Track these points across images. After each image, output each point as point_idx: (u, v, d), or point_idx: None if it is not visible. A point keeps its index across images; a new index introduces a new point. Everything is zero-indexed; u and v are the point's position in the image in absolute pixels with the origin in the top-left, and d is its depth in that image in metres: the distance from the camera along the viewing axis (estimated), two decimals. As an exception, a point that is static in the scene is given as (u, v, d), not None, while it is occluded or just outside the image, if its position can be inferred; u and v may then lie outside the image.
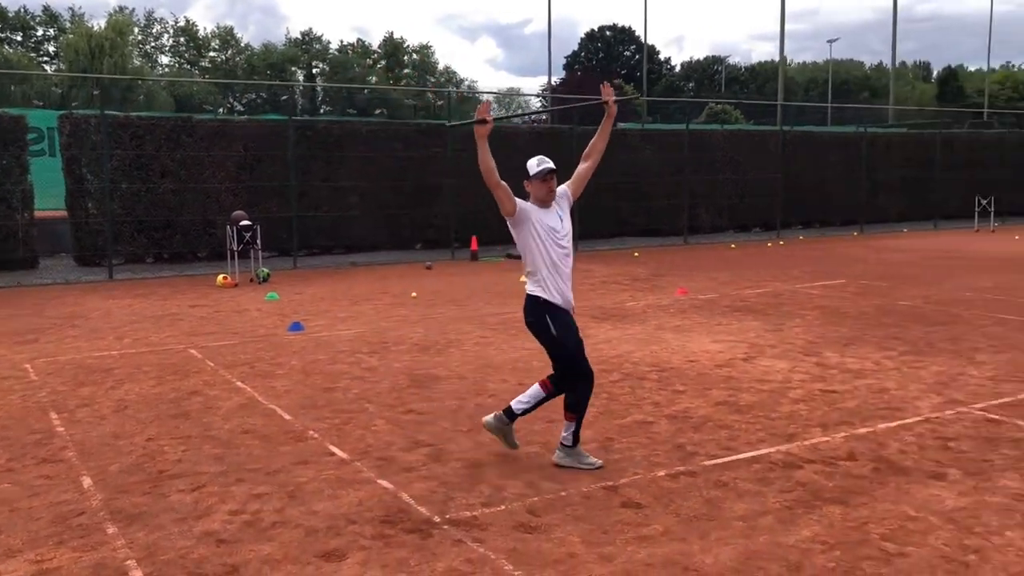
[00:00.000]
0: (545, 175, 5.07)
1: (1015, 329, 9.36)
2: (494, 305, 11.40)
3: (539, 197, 5.10)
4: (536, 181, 5.09)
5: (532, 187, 5.13)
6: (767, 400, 6.62)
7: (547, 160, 5.11)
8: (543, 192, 5.08)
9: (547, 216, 5.09)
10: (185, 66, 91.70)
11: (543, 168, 5.07)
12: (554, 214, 5.12)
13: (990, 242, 20.13)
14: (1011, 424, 5.93)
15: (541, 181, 5.08)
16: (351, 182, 17.70)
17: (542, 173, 5.07)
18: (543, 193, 5.08)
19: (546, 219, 5.07)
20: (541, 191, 5.09)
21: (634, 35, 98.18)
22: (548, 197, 5.10)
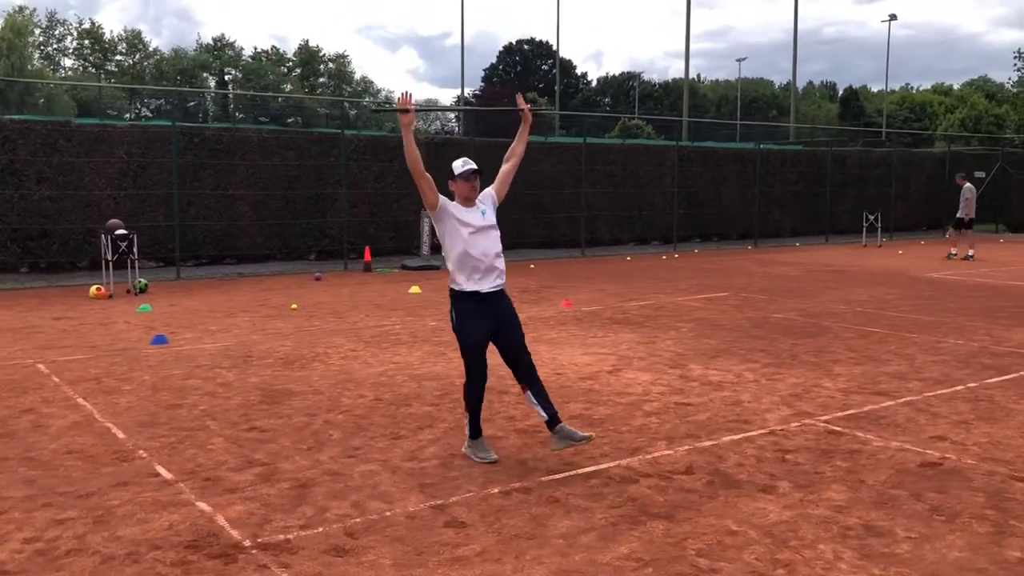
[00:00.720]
0: (468, 175, 5.34)
1: (876, 341, 9.63)
2: (375, 318, 11.22)
3: (463, 195, 5.36)
4: (460, 180, 5.35)
5: (456, 186, 5.38)
6: (621, 413, 6.62)
7: (471, 162, 5.39)
8: (466, 190, 5.35)
9: (468, 214, 5.35)
10: (90, 70, 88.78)
11: (467, 168, 5.34)
12: (476, 212, 5.38)
13: (874, 257, 20.83)
14: (850, 436, 6.04)
15: (464, 180, 5.34)
16: (242, 191, 17.27)
17: (466, 173, 5.34)
18: (466, 191, 5.35)
19: (467, 216, 5.32)
20: (464, 190, 5.35)
21: (551, 50, 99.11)
22: (471, 195, 5.37)
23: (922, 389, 7.42)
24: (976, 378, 7.85)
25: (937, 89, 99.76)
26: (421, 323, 10.77)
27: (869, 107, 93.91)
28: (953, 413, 6.65)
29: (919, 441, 5.93)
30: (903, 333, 10.16)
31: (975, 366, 8.36)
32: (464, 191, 5.37)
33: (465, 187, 5.37)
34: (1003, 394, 7.25)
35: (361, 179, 18.61)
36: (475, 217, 5.37)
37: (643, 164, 23.33)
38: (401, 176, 19.11)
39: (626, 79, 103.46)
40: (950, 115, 72.12)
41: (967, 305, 12.45)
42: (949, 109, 77.41)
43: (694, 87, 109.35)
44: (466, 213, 5.36)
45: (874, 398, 7.12)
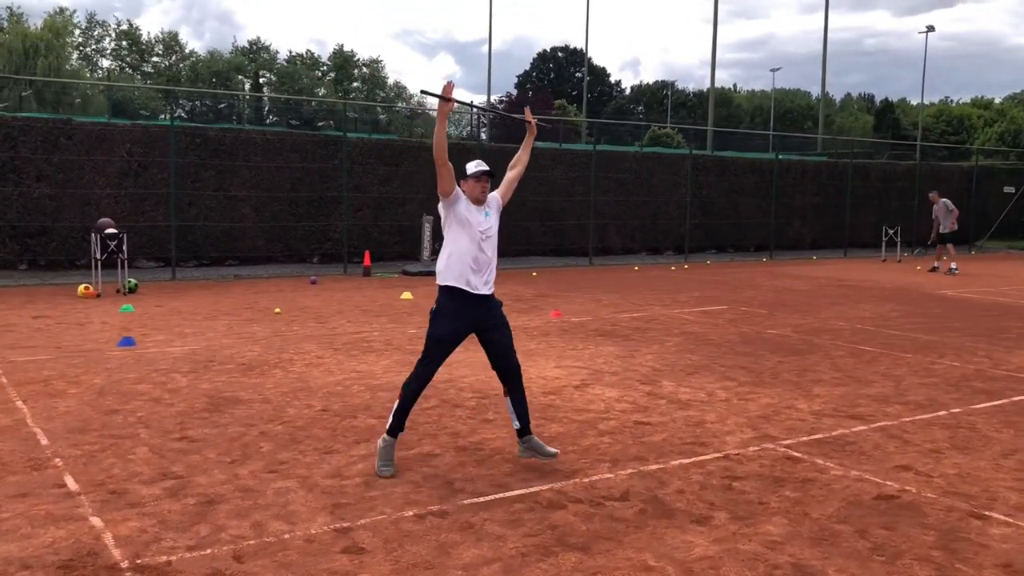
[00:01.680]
0: (480, 176, 5.50)
1: (867, 361, 9.22)
2: (356, 324, 10.99)
3: (474, 195, 5.50)
4: (471, 180, 5.49)
5: (467, 186, 5.52)
6: (573, 432, 6.31)
7: (483, 164, 5.55)
8: (477, 191, 5.49)
9: (474, 212, 5.49)
10: (127, 71, 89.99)
11: (479, 170, 5.49)
12: (482, 212, 5.52)
13: (890, 272, 20.28)
14: (809, 463, 5.69)
15: (476, 181, 5.48)
16: (244, 192, 17.18)
17: (477, 174, 5.49)
18: (477, 192, 5.49)
19: (472, 213, 5.47)
20: (475, 190, 5.49)
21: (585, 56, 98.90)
22: (481, 196, 5.51)
23: (901, 414, 7.03)
24: (963, 403, 7.44)
25: (976, 102, 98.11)
26: (401, 330, 10.53)
27: (905, 120, 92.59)
28: (927, 441, 6.27)
29: (881, 471, 5.56)
30: (897, 353, 9.74)
31: (965, 390, 7.94)
32: (475, 191, 5.51)
33: (476, 187, 5.50)
34: (987, 421, 6.84)
35: (366, 182, 18.45)
36: (479, 218, 5.48)
37: (657, 172, 22.96)
38: (406, 180, 18.95)
39: (660, 87, 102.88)
40: (988, 129, 70.80)
41: (973, 324, 11.96)
42: (988, 123, 76.02)
43: (729, 97, 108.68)
44: (473, 212, 5.49)
45: (847, 422, 6.74)
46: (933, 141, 71.30)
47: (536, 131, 6.01)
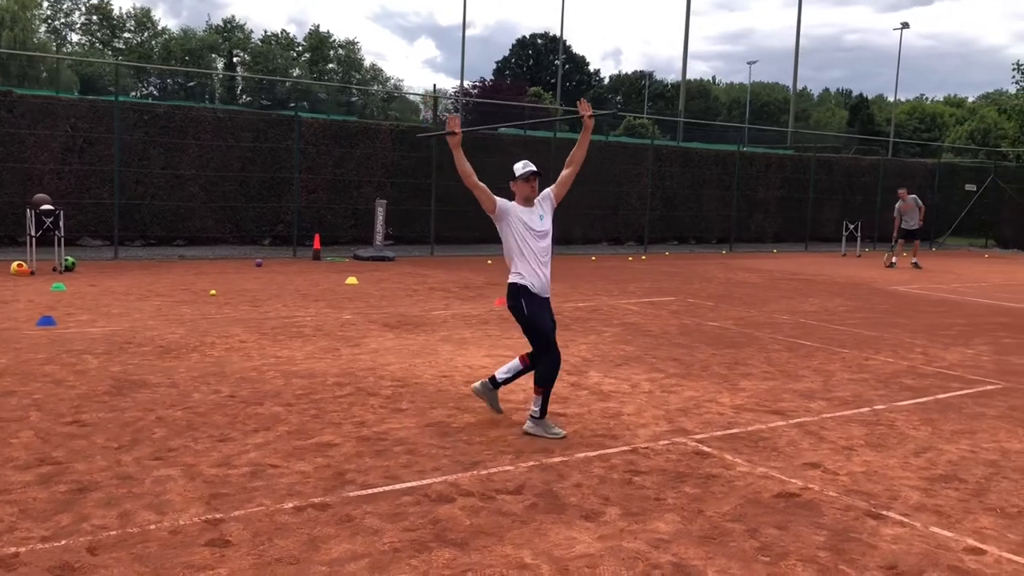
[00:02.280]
0: (528, 176, 5.71)
1: (802, 355, 9.15)
2: (291, 308, 10.78)
3: (523, 196, 5.75)
4: (520, 182, 5.73)
5: (517, 187, 5.78)
6: (484, 422, 6.16)
7: (531, 164, 5.76)
8: (526, 191, 5.73)
9: (528, 213, 5.74)
10: (97, 46, 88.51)
11: (527, 171, 5.71)
12: (536, 212, 5.78)
13: (848, 267, 20.31)
14: (717, 459, 5.58)
15: (524, 182, 5.72)
16: (193, 171, 16.85)
17: (526, 175, 5.71)
18: (527, 192, 5.73)
19: (526, 216, 5.73)
20: (524, 190, 5.74)
21: (565, 44, 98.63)
22: (531, 195, 5.73)
23: (823, 410, 6.95)
24: (887, 400, 7.37)
25: (949, 101, 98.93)
26: (335, 316, 10.33)
27: (880, 116, 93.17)
28: (843, 437, 6.18)
29: (789, 468, 5.46)
30: (834, 348, 9.68)
31: (893, 387, 7.88)
32: (524, 192, 5.76)
33: (525, 188, 5.75)
34: (907, 419, 6.77)
35: (320, 164, 18.17)
36: (534, 220, 5.77)
37: (619, 163, 22.82)
38: (362, 162, 18.70)
39: (638, 78, 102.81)
40: (959, 127, 71.39)
41: (917, 321, 11.95)
42: (959, 121, 76.66)
43: (707, 89, 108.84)
44: (526, 214, 5.75)
45: (766, 417, 6.65)
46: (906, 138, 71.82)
47: (592, 125, 6.07)
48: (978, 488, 5.24)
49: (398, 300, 11.81)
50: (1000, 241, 30.10)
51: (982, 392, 7.81)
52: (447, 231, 20.04)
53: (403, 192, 19.26)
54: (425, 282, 13.91)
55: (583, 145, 6.16)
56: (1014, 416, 6.98)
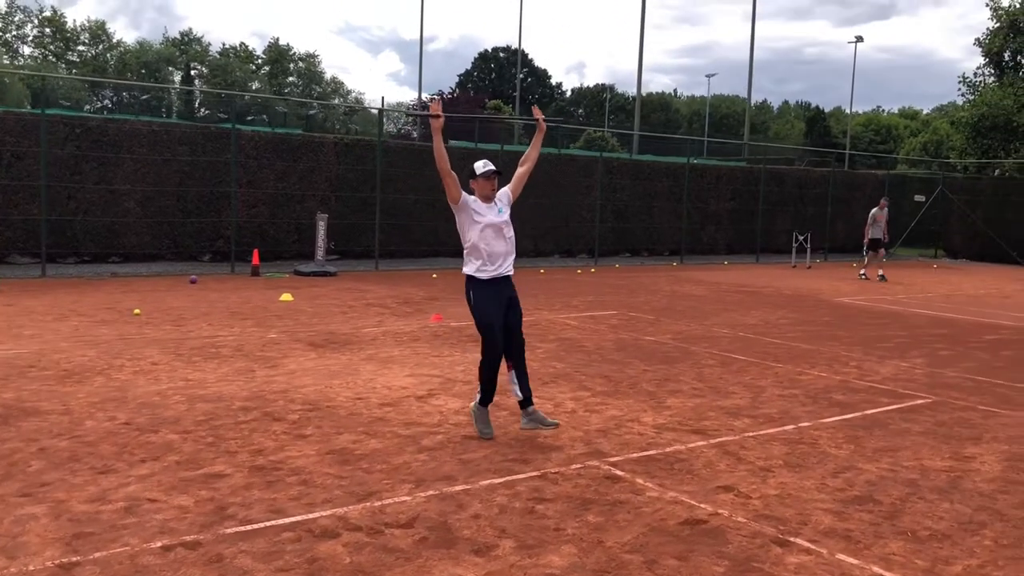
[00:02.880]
0: (489, 175, 6.01)
1: (735, 370, 9.00)
2: (216, 327, 10.43)
3: (483, 193, 6.03)
4: (481, 180, 6.00)
5: (477, 185, 6.05)
6: (391, 448, 5.89)
7: (491, 164, 6.05)
8: (486, 189, 6.02)
9: (486, 209, 6.02)
10: (50, 59, 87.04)
11: (487, 169, 6.01)
12: (493, 208, 6.05)
13: (796, 278, 20.31)
14: (628, 483, 5.36)
15: (485, 180, 6.00)
16: (128, 186, 16.40)
17: (487, 173, 6.00)
18: (486, 190, 6.02)
19: (483, 211, 6.01)
20: (485, 188, 6.02)
21: (527, 58, 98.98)
22: (490, 193, 6.04)
23: (747, 428, 6.77)
24: (814, 416, 7.22)
25: (904, 113, 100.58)
26: (260, 335, 10.00)
27: (836, 128, 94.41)
28: (762, 457, 6.00)
29: (701, 492, 5.26)
30: (769, 362, 9.54)
31: (822, 403, 7.74)
32: (484, 189, 6.02)
33: (485, 186, 6.01)
34: (831, 436, 6.61)
35: (261, 178, 17.79)
36: (491, 214, 6.01)
37: (570, 175, 22.69)
38: (305, 176, 18.37)
39: (600, 91, 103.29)
40: (912, 139, 72.50)
41: (857, 333, 11.88)
42: (913, 133, 77.88)
43: (668, 102, 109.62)
44: (484, 209, 6.02)
45: (687, 437, 6.45)
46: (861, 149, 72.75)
47: (545, 129, 6.52)
48: (892, 510, 5.08)
49: (331, 317, 11.50)
50: (949, 251, 30.42)
51: (911, 407, 7.70)
52: (393, 245, 19.75)
53: (348, 206, 18.94)
54: (363, 298, 13.61)
55: (536, 146, 6.46)
56: (939, 432, 6.86)
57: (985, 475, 5.83)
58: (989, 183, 30.05)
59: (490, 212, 6.03)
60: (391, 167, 19.30)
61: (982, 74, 34.42)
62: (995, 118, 31.59)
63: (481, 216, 5.99)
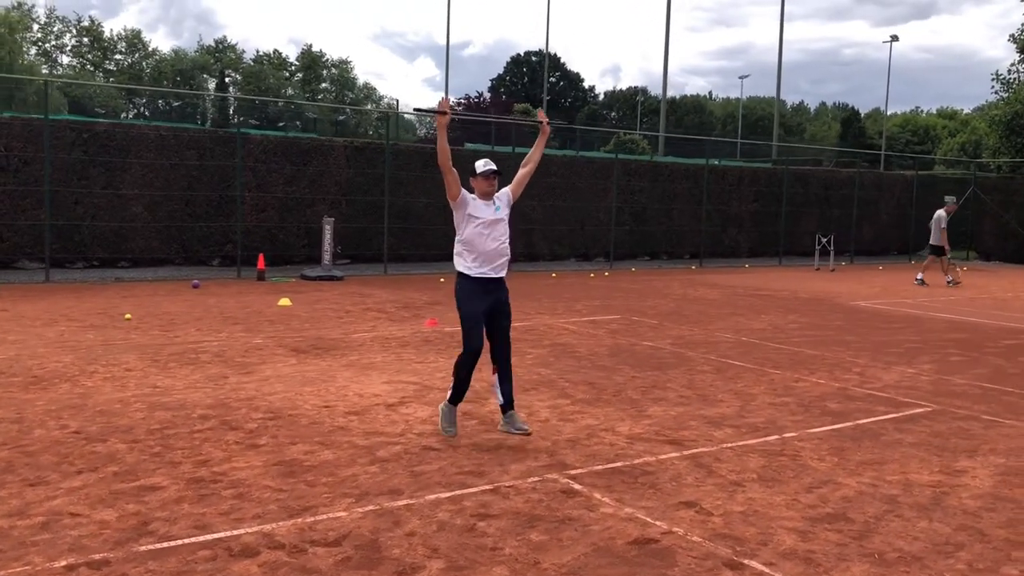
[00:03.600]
0: (488, 174, 6.03)
1: (729, 377, 8.64)
2: (205, 332, 10.28)
3: (482, 191, 6.08)
4: (480, 178, 6.05)
5: (476, 183, 6.09)
6: (343, 459, 5.65)
7: (491, 163, 6.07)
8: (485, 187, 6.06)
9: (483, 208, 6.08)
10: (88, 68, 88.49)
11: (487, 169, 6.03)
12: (491, 207, 6.10)
13: (817, 281, 19.80)
14: (584, 498, 5.07)
15: (484, 179, 6.03)
16: (135, 191, 16.38)
17: (486, 172, 6.03)
18: (485, 188, 6.06)
19: (481, 209, 6.06)
20: (483, 186, 6.06)
21: (559, 61, 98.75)
22: (489, 191, 6.08)
23: (727, 438, 6.43)
24: (802, 426, 6.86)
25: (942, 113, 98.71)
26: (246, 340, 9.82)
27: (872, 129, 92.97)
28: (735, 471, 5.67)
29: (660, 508, 4.95)
30: (767, 368, 9.17)
31: (814, 411, 7.37)
32: (483, 187, 6.06)
33: (484, 184, 6.05)
34: (815, 448, 6.25)
35: (270, 182, 17.70)
36: (487, 212, 6.06)
37: (586, 177, 22.36)
38: (315, 180, 18.25)
39: (633, 94, 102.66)
40: (950, 139, 71.05)
41: (867, 338, 11.44)
42: (952, 133, 76.35)
43: (702, 104, 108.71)
44: (481, 207, 6.06)
45: (660, 448, 6.13)
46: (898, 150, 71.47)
47: (548, 131, 6.51)
48: (864, 529, 4.73)
49: (324, 322, 11.31)
50: (981, 253, 29.58)
51: (908, 416, 7.30)
52: (404, 249, 19.57)
53: (358, 210, 18.80)
54: (364, 302, 13.41)
55: (539, 147, 6.49)
56: (932, 443, 6.47)
57: (974, 491, 5.44)
58: (1023, 183, 29.14)
59: (487, 210, 6.08)
60: (401, 170, 19.12)
61: (1017, 71, 33.47)
62: (1029, 115, 30.67)
63: (478, 213, 6.04)
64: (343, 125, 72.84)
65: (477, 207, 6.06)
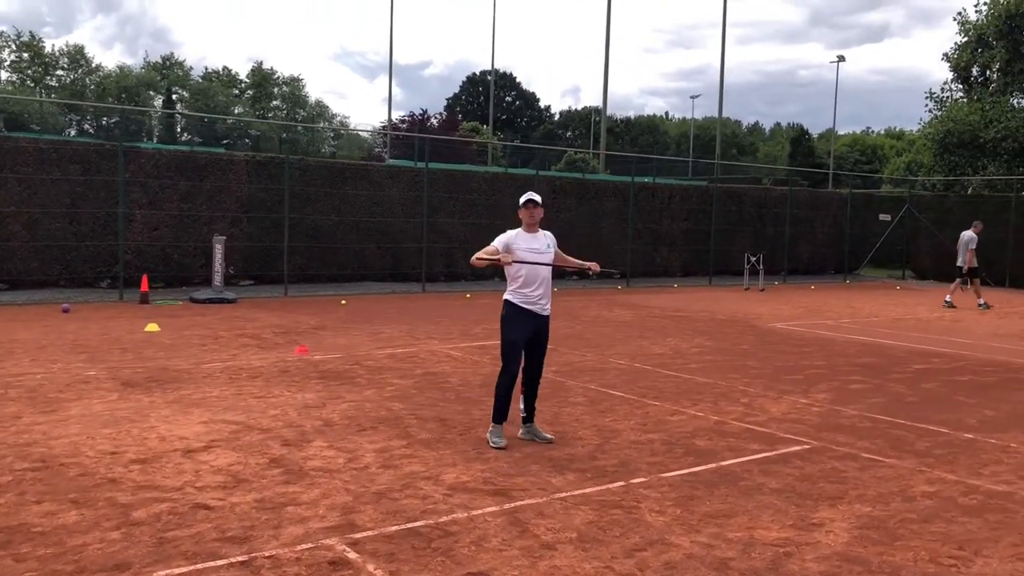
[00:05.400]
0: (526, 204, 6.50)
1: (600, 410, 7.86)
2: (39, 363, 9.29)
3: (526, 221, 6.56)
4: (521, 209, 6.54)
5: (520, 214, 6.57)
6: (85, 523, 4.74)
7: (534, 195, 6.56)
8: (527, 217, 6.53)
9: (530, 240, 6.55)
10: (28, 84, 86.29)
11: (527, 198, 6.50)
12: (539, 239, 6.60)
13: (741, 302, 19.22)
14: (352, 571, 4.21)
15: (524, 209, 6.51)
16: (12, 207, 15.28)
17: (525, 203, 6.49)
18: (527, 218, 6.54)
19: (528, 242, 6.53)
20: (526, 216, 6.54)
21: (515, 81, 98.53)
22: (532, 221, 6.55)
23: (565, 486, 5.63)
24: (657, 469, 6.08)
25: (890, 133, 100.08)
26: (76, 373, 8.84)
27: (821, 148, 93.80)
28: (553, 529, 4.86)
29: (438, 583, 4.10)
30: (647, 399, 8.40)
31: (677, 451, 6.60)
32: (525, 217, 6.53)
33: (526, 214, 6.52)
34: (660, 497, 5.46)
35: (163, 198, 16.69)
36: (536, 243, 6.54)
37: (507, 194, 21.56)
38: (213, 196, 17.28)
39: (588, 114, 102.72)
40: (896, 159, 71.78)
41: (769, 364, 10.76)
42: (899, 153, 77.18)
43: (658, 124, 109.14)
44: (530, 240, 6.54)
45: (480, 500, 5.31)
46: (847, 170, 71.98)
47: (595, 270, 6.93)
48: (673, 609, 3.92)
49: (181, 350, 10.35)
50: (917, 272, 29.33)
51: (780, 456, 6.55)
52: (313, 268, 18.64)
53: (261, 228, 17.84)
54: (243, 327, 12.46)
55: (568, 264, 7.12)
56: (795, 489, 5.72)
57: (822, 550, 4.68)
58: (957, 201, 28.97)
59: (534, 242, 6.53)
60: (308, 186, 18.23)
61: (949, 89, 33.51)
62: (961, 134, 30.61)
63: (524, 249, 6.44)
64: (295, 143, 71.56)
65: (526, 240, 6.51)
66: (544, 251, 6.53)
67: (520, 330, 6.47)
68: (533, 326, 6.50)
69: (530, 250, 6.44)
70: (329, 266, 18.84)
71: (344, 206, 18.80)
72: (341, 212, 18.75)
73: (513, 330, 6.48)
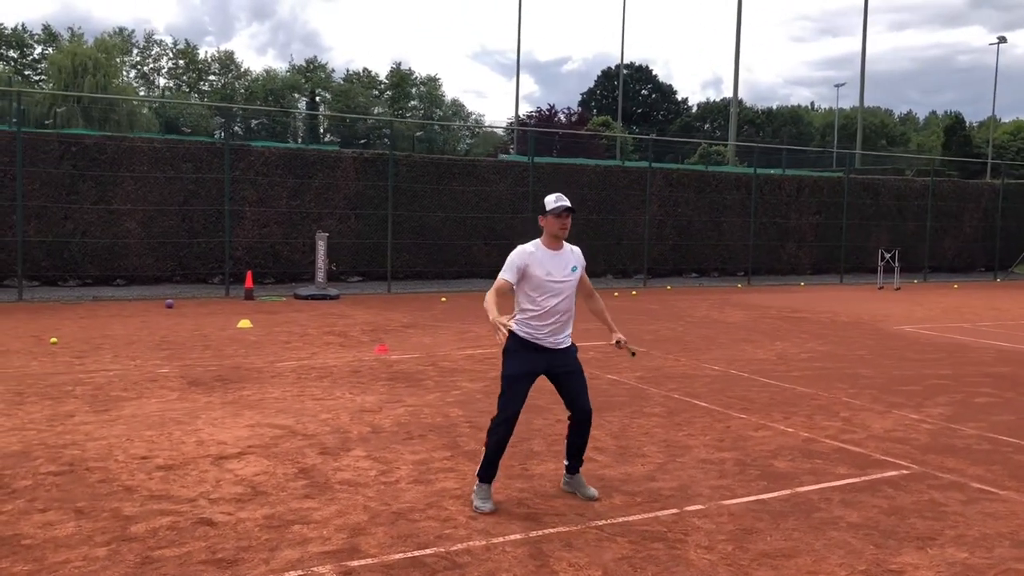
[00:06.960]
0: (560, 212, 4.97)
1: (676, 423, 7.15)
2: (119, 359, 9.37)
3: (552, 232, 5.03)
4: (551, 216, 5.00)
5: (546, 222, 5.04)
6: (80, 536, 4.49)
7: (564, 199, 5.03)
8: (556, 227, 5.00)
9: (553, 258, 5.04)
10: (183, 89, 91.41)
11: (559, 205, 4.97)
12: (561, 260, 5.06)
13: (871, 302, 17.80)
14: (330, 607, 3.75)
15: (555, 217, 4.98)
16: (128, 205, 15.79)
17: (558, 210, 4.96)
18: (556, 228, 5.00)
19: (550, 261, 5.02)
20: (554, 227, 5.00)
21: (651, 74, 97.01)
22: (561, 233, 5.01)
23: (608, 512, 5.02)
24: (720, 495, 5.36)
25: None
26: (148, 371, 8.84)
27: (979, 137, 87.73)
28: (577, 565, 4.29)
29: (420, 628, 3.59)
30: (732, 412, 7.62)
31: (751, 473, 5.85)
32: (554, 228, 5.00)
33: (555, 224, 4.99)
34: (714, 529, 4.77)
35: (272, 196, 16.90)
36: (559, 268, 5.03)
37: (621, 188, 20.86)
38: (321, 194, 17.38)
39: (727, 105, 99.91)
40: (1066, 146, 66.22)
41: (886, 372, 9.70)
42: (1068, 140, 71.16)
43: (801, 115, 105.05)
44: (552, 260, 5.02)
45: (505, 526, 4.76)
46: (1008, 159, 66.97)
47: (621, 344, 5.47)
48: None
49: (262, 348, 10.27)
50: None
51: (870, 482, 5.69)
52: (420, 265, 18.51)
53: (369, 224, 17.82)
54: (332, 324, 12.34)
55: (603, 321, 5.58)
56: (879, 525, 4.89)
57: (894, 610, 3.88)
58: None
59: (557, 264, 5.03)
60: (415, 183, 18.08)
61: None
62: None
63: (547, 271, 4.99)
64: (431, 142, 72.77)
65: (548, 260, 5.02)
66: (568, 277, 5.06)
67: (524, 363, 5.06)
68: (545, 362, 5.11)
69: (550, 277, 4.99)
70: (435, 263, 18.66)
71: (451, 202, 18.58)
72: (447, 208, 18.52)
73: (514, 363, 5.07)
